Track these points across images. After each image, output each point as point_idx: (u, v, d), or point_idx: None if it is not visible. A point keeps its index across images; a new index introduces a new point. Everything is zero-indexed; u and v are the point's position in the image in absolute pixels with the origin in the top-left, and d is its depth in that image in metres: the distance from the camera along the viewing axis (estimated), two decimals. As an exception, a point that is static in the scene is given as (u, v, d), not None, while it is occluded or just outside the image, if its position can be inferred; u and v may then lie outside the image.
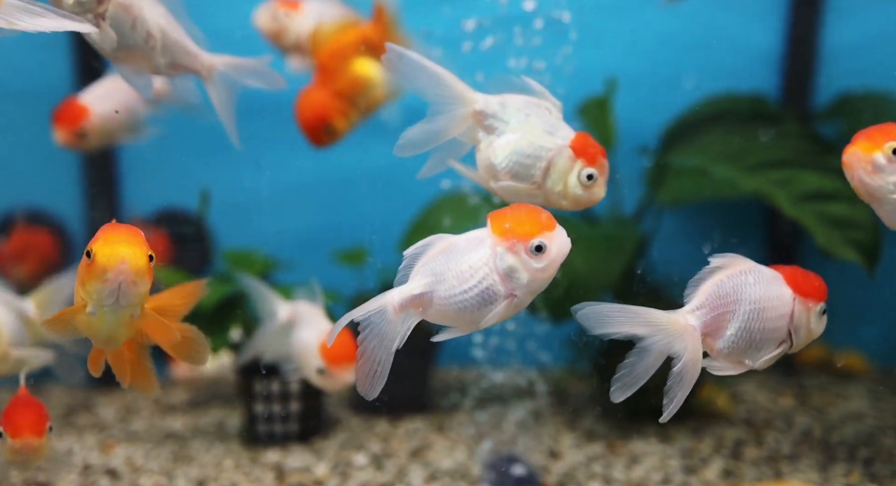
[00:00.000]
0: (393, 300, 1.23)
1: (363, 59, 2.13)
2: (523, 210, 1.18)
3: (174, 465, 2.37)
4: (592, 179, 1.40)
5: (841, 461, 2.38)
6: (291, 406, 2.50)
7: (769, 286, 1.38)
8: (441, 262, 1.21)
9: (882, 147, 1.25)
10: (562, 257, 1.18)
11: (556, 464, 2.39)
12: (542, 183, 1.41)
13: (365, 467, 2.37)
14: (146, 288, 1.26)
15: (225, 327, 2.46)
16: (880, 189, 1.25)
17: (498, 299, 1.19)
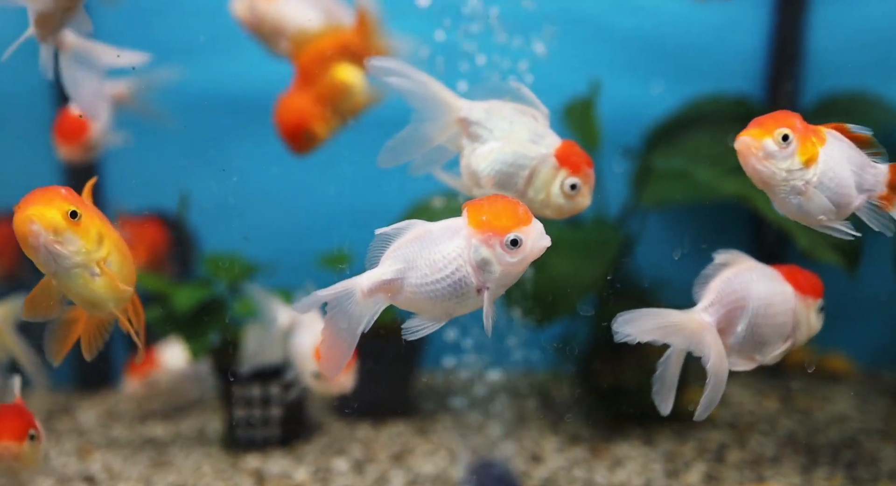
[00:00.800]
0: (362, 284, 1.21)
1: (344, 65, 2.11)
2: (500, 203, 1.16)
3: (153, 471, 2.35)
4: (576, 188, 1.39)
5: (823, 464, 2.37)
6: (272, 411, 2.48)
7: (773, 284, 1.43)
8: (414, 248, 1.19)
9: (772, 134, 1.22)
10: (537, 252, 1.16)
11: (537, 469, 2.38)
12: (524, 192, 1.40)
13: (346, 472, 2.35)
14: (81, 245, 1.22)
15: (204, 331, 2.44)
16: (772, 176, 1.23)
17: (469, 290, 1.17)
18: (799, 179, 1.23)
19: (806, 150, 1.22)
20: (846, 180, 1.27)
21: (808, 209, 1.24)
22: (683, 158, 2.56)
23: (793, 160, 1.22)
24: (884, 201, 1.30)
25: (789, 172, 1.23)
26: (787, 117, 1.24)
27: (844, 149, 1.28)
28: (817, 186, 1.23)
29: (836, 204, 1.27)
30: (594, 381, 2.73)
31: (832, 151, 1.26)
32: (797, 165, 1.23)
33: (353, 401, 2.71)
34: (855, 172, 1.28)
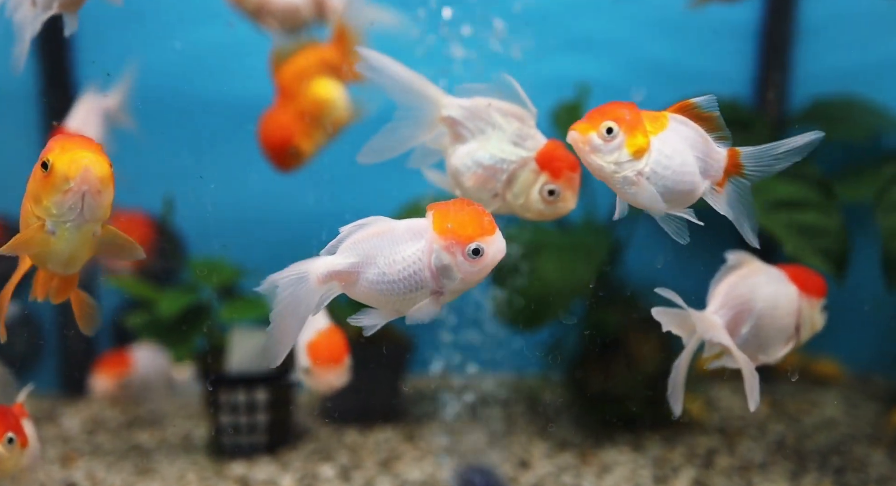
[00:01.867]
0: (317, 269, 1.20)
1: (323, 80, 2.10)
2: (466, 211, 1.15)
3: (136, 478, 2.32)
4: (554, 194, 1.36)
5: (812, 470, 2.37)
6: (258, 417, 2.46)
7: (779, 285, 1.48)
8: (374, 244, 1.18)
9: (598, 127, 1.19)
10: (496, 261, 1.15)
11: (525, 475, 2.36)
12: (504, 195, 1.38)
13: (332, 479, 2.33)
14: (110, 200, 1.18)
15: (189, 336, 2.42)
16: (601, 169, 1.20)
17: (424, 293, 1.16)
18: (629, 171, 1.19)
19: (634, 141, 1.18)
20: (687, 167, 1.21)
21: (640, 200, 1.21)
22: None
23: (620, 152, 1.18)
24: (718, 188, 1.26)
25: (618, 165, 1.19)
26: (615, 109, 1.21)
27: (687, 134, 1.23)
28: (651, 176, 1.19)
29: (677, 192, 1.22)
30: (583, 386, 2.72)
31: (670, 138, 1.21)
32: (626, 157, 1.19)
33: (340, 406, 2.69)
34: (699, 157, 1.23)
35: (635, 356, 2.66)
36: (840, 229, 2.07)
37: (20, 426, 1.45)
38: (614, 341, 2.68)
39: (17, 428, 1.44)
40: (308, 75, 2.07)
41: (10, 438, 1.41)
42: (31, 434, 1.49)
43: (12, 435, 1.42)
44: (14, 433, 1.42)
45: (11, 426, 1.43)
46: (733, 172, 1.26)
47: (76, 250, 1.22)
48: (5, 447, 1.40)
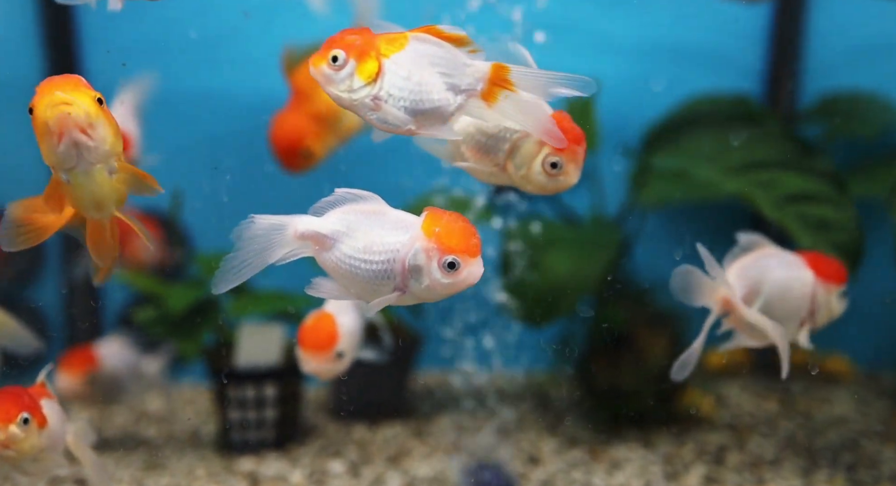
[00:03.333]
0: (298, 225, 1.19)
1: None
2: (460, 224, 1.13)
3: (145, 473, 2.31)
4: (557, 167, 1.31)
5: (824, 466, 2.35)
6: (267, 413, 2.45)
7: (791, 269, 1.52)
8: (360, 220, 1.17)
9: (327, 58, 1.17)
10: (466, 284, 1.13)
11: (535, 471, 2.35)
12: (505, 165, 1.34)
13: (341, 475, 2.32)
14: (108, 135, 1.13)
15: (197, 332, 2.42)
16: (340, 99, 1.18)
17: (388, 285, 1.15)
18: (365, 96, 1.18)
19: (365, 67, 1.17)
20: (427, 85, 1.19)
21: (385, 121, 1.20)
22: (683, 157, 2.54)
23: (353, 79, 1.17)
24: (487, 100, 1.24)
25: (352, 92, 1.18)
26: (344, 37, 1.19)
27: (428, 52, 1.20)
28: (388, 99, 1.18)
29: (423, 111, 1.20)
30: (592, 382, 2.71)
31: (406, 58, 1.19)
32: (358, 84, 1.17)
33: (348, 402, 2.69)
34: (445, 73, 1.21)
35: (644, 352, 2.65)
36: (854, 223, 2.06)
37: (37, 406, 1.42)
38: (623, 337, 2.67)
39: (33, 408, 1.41)
40: None
41: (24, 418, 1.38)
42: (52, 415, 1.46)
43: (27, 415, 1.38)
44: (30, 414, 1.39)
45: (27, 406, 1.40)
46: (503, 87, 1.23)
47: (97, 193, 1.17)
48: (20, 428, 1.37)
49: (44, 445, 1.42)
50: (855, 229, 2.05)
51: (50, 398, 1.52)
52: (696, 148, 2.53)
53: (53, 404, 1.51)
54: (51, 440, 1.45)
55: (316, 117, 2.06)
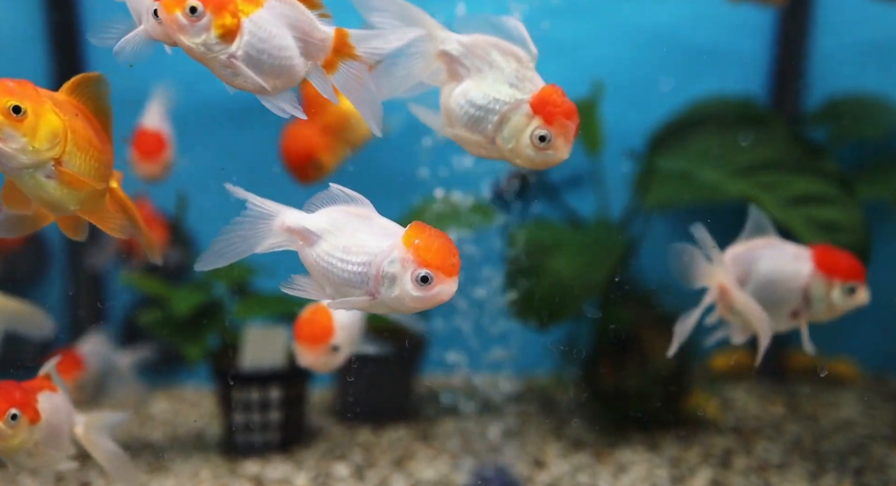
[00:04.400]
0: (286, 218, 1.21)
1: None
2: (441, 242, 1.12)
3: (150, 476, 2.31)
4: (545, 140, 1.27)
5: (831, 470, 2.34)
6: (272, 415, 2.45)
7: (785, 262, 1.55)
8: (347, 221, 1.18)
9: (183, 6, 1.12)
10: (435, 302, 1.13)
11: (540, 474, 2.34)
12: (493, 138, 1.31)
13: (346, 478, 2.32)
14: (24, 143, 1.12)
15: (202, 334, 2.42)
16: (192, 51, 1.14)
17: (360, 288, 1.15)
18: (222, 53, 1.13)
19: (222, 22, 1.12)
20: (285, 50, 1.17)
21: (236, 79, 1.16)
22: (688, 159, 2.53)
23: (208, 34, 1.12)
24: (327, 69, 1.22)
25: (208, 47, 1.13)
26: None
27: (285, 13, 1.18)
28: (246, 59, 1.14)
29: (276, 73, 1.18)
30: (597, 385, 2.70)
31: (266, 18, 1.16)
32: (214, 40, 1.13)
33: (355, 404, 2.68)
34: (300, 37, 1.19)
35: (650, 355, 2.64)
36: (860, 225, 2.05)
37: (29, 401, 1.40)
38: (629, 340, 2.66)
39: (23, 404, 1.39)
40: None
41: (12, 414, 1.37)
42: (51, 409, 1.44)
43: (16, 411, 1.37)
44: (19, 409, 1.37)
45: (16, 402, 1.38)
46: (344, 54, 1.22)
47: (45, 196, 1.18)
48: (7, 424, 1.36)
49: (38, 439, 1.41)
50: (862, 231, 2.04)
51: (53, 392, 1.50)
52: (701, 150, 2.52)
53: (57, 397, 1.50)
54: (48, 434, 1.43)
55: (326, 129, 2.07)
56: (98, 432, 1.56)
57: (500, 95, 1.29)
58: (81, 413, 1.58)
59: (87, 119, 1.26)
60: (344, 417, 2.74)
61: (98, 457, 1.56)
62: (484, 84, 1.30)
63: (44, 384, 1.50)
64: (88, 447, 1.56)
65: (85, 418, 1.57)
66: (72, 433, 1.55)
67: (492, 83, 1.30)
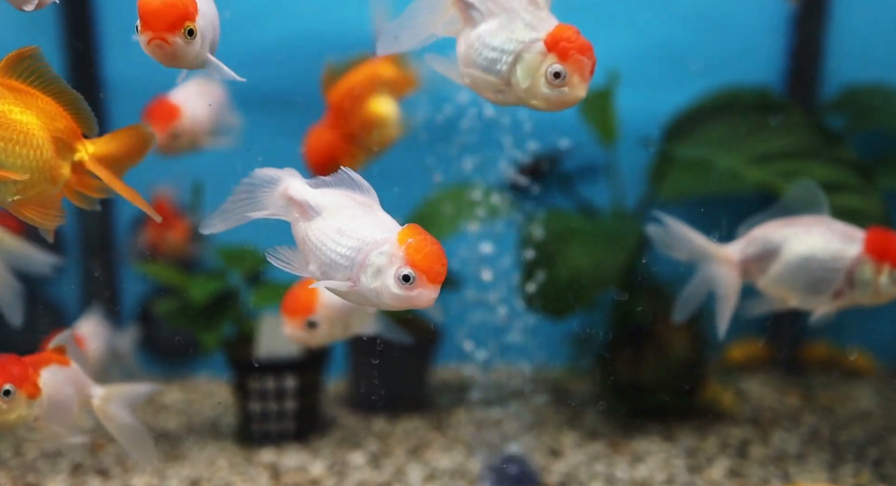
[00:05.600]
0: (291, 187, 1.23)
1: (379, 98, 2.09)
2: (434, 248, 1.12)
3: (166, 464, 2.31)
4: (560, 77, 1.27)
5: (849, 461, 2.32)
6: (287, 404, 2.45)
7: (829, 241, 1.57)
8: (348, 206, 1.18)
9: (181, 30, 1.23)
10: (411, 305, 1.13)
11: (556, 463, 2.34)
12: (508, 79, 1.31)
13: (362, 466, 2.31)
14: None
15: (218, 323, 2.42)
16: None
17: (345, 273, 1.15)
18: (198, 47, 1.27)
19: None
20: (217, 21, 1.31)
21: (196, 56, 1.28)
22: (705, 147, 2.52)
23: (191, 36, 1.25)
24: None
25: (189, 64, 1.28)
26: None
27: None
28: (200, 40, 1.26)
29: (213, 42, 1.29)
30: (612, 376, 2.69)
31: None
32: None
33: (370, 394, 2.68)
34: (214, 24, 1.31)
35: (665, 346, 2.63)
36: (881, 212, 2.04)
37: (27, 376, 1.40)
38: (644, 331, 2.65)
39: (20, 379, 1.39)
40: (360, 91, 2.06)
41: (6, 390, 1.37)
42: (57, 383, 1.44)
43: (10, 387, 1.37)
44: (14, 384, 1.37)
45: (12, 377, 1.38)
46: None
47: None
48: (1, 399, 1.36)
49: (38, 414, 1.41)
50: (882, 218, 2.03)
51: (63, 365, 1.49)
52: (718, 139, 2.51)
53: (66, 371, 1.49)
54: (52, 409, 1.43)
55: (349, 135, 2.08)
56: (116, 404, 1.56)
57: (515, 35, 1.29)
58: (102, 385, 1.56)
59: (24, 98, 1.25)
60: (359, 406, 2.74)
61: (112, 430, 1.56)
62: (499, 26, 1.30)
63: (52, 358, 1.49)
64: (103, 419, 1.55)
65: (104, 390, 1.56)
66: (88, 405, 1.55)
67: (507, 24, 1.30)
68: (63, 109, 1.32)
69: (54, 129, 1.28)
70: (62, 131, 1.30)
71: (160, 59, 1.26)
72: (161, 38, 1.22)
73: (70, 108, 1.33)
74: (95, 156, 1.35)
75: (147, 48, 1.25)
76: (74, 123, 1.33)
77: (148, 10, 1.22)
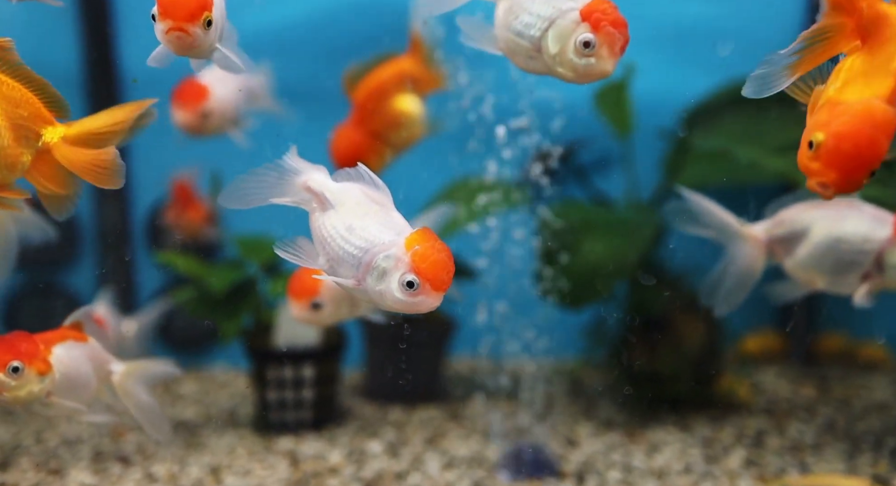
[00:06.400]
0: (311, 178, 1.24)
1: (405, 95, 2.10)
2: (441, 256, 1.12)
3: (186, 452, 2.33)
4: (589, 46, 1.28)
5: (867, 451, 2.32)
6: (305, 393, 2.46)
7: (859, 224, 1.59)
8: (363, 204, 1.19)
9: None
10: (414, 310, 1.14)
11: (573, 453, 2.35)
12: (539, 44, 1.33)
13: (380, 455, 2.33)
14: None
15: (237, 312, 2.43)
16: None
17: (349, 271, 1.17)
18: None
19: None
20: None
21: None
22: (724, 138, 2.51)
23: None
24: None
25: None
26: None
27: None
28: None
29: None
30: (627, 366, 2.69)
31: None
32: None
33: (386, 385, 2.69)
34: None
35: (681, 336, 2.63)
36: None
37: (37, 353, 1.40)
38: (660, 321, 2.65)
39: (30, 356, 1.39)
40: (385, 90, 2.07)
41: (14, 367, 1.37)
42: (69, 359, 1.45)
43: (18, 364, 1.37)
44: (23, 361, 1.38)
45: (21, 354, 1.39)
46: None
47: None
48: (9, 376, 1.37)
49: (50, 390, 1.41)
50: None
51: (79, 341, 1.50)
52: (737, 129, 2.51)
53: (82, 347, 1.49)
54: (65, 385, 1.43)
55: (375, 133, 2.09)
56: (135, 381, 1.57)
57: (554, 2, 1.31)
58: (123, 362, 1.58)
59: None
60: (375, 396, 2.75)
61: (129, 406, 1.58)
62: None
63: (66, 334, 1.49)
64: (122, 395, 1.57)
65: (125, 366, 1.57)
66: (108, 381, 1.57)
67: None
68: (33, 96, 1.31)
69: (16, 116, 1.27)
70: (25, 118, 1.29)
71: (177, 48, 1.27)
72: (181, 28, 1.22)
73: (40, 94, 1.32)
74: (71, 137, 1.32)
75: (164, 37, 1.24)
76: (46, 109, 1.32)
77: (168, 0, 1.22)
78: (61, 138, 1.32)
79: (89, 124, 1.34)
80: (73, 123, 1.34)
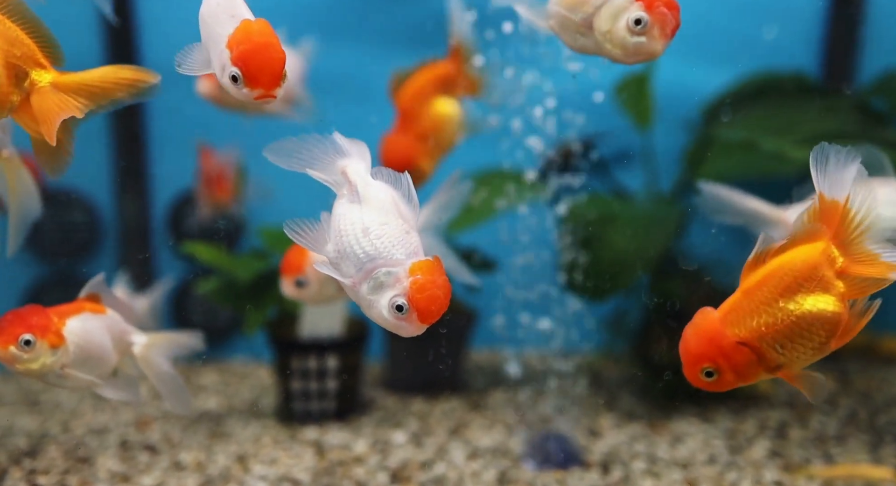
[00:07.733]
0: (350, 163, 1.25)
1: (442, 99, 2.11)
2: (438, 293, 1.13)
3: (212, 441, 2.35)
4: (640, 24, 1.28)
5: (890, 442, 2.32)
6: (328, 384, 2.47)
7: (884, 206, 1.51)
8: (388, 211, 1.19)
9: None
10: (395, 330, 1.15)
11: (597, 444, 2.35)
12: (591, 20, 1.33)
13: (404, 445, 2.34)
14: None
15: (262, 303, 2.44)
16: None
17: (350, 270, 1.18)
18: None
19: None
20: None
21: None
22: (748, 129, 2.51)
23: None
24: None
25: None
26: None
27: None
28: None
29: None
30: (648, 358, 2.70)
31: None
32: None
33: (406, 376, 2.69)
34: None
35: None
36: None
37: (48, 325, 1.41)
38: (681, 313, 2.65)
39: (42, 329, 1.39)
40: (426, 93, 2.08)
41: (25, 340, 1.38)
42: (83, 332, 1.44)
43: (30, 337, 1.38)
44: (34, 334, 1.38)
45: (33, 326, 1.39)
46: None
47: None
48: (20, 349, 1.37)
49: (64, 362, 1.41)
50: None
51: (97, 313, 1.49)
52: (761, 121, 2.51)
53: (101, 318, 1.49)
54: (80, 357, 1.43)
55: (422, 136, 2.10)
56: (157, 352, 1.56)
57: None
58: (145, 333, 1.58)
59: None
60: (397, 388, 2.76)
61: (151, 377, 1.57)
62: None
63: (82, 307, 1.48)
64: (144, 366, 1.56)
65: (147, 337, 1.57)
66: (129, 352, 1.56)
67: None
68: (29, 37, 1.29)
69: (9, 54, 1.26)
70: (18, 58, 1.27)
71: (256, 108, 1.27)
72: (269, 95, 1.21)
73: (37, 37, 1.30)
74: (60, 84, 1.30)
75: (246, 98, 1.22)
76: (40, 52, 1.30)
77: (255, 67, 1.19)
78: (50, 83, 1.30)
79: (82, 77, 1.32)
80: (68, 73, 1.32)
